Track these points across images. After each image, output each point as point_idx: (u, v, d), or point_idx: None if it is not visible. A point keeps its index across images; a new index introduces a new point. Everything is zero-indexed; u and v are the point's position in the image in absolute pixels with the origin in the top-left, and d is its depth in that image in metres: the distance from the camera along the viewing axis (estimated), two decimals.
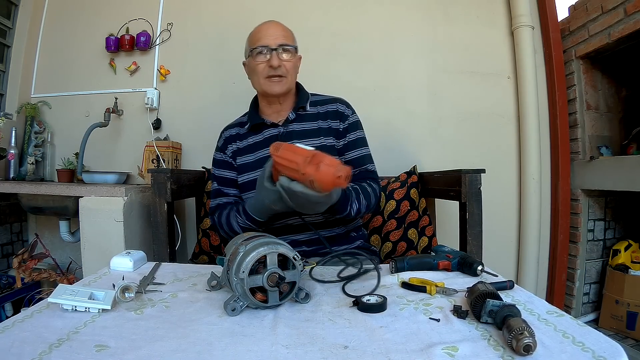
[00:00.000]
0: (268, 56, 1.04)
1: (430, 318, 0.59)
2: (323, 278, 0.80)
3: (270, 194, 0.82)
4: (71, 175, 1.78)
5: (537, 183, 1.76)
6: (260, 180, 0.85)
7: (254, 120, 1.13)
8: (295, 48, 1.08)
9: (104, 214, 1.40)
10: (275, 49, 1.03)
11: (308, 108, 1.12)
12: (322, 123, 1.11)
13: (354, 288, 0.74)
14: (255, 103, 1.18)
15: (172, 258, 1.26)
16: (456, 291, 0.69)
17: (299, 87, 1.17)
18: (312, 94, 1.17)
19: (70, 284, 0.73)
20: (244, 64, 1.14)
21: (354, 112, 1.15)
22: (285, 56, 1.05)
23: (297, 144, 0.77)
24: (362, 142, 1.13)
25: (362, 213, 1.04)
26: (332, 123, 1.11)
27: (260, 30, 1.07)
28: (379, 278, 0.74)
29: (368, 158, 1.13)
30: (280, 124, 1.11)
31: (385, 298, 0.65)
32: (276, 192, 0.79)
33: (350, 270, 0.82)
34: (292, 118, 1.11)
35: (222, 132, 1.20)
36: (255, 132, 1.13)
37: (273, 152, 0.76)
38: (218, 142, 1.20)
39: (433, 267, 0.83)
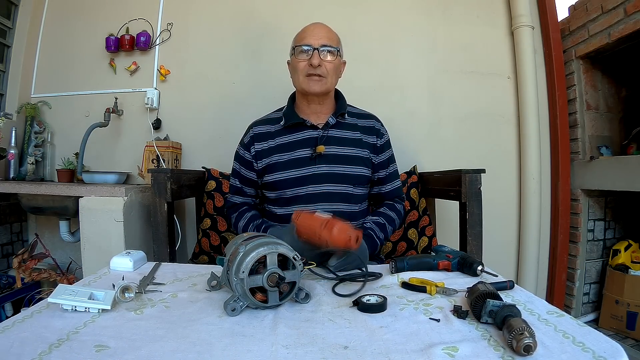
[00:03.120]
0: (310, 55, 1.05)
1: (430, 318, 0.59)
2: (321, 279, 0.80)
3: (291, 240, 0.88)
4: (71, 175, 1.78)
5: (537, 183, 1.76)
6: (286, 230, 0.93)
7: (292, 119, 1.13)
8: (338, 50, 1.09)
9: (104, 214, 1.39)
10: (317, 49, 1.05)
11: (346, 117, 1.16)
12: (360, 135, 1.15)
13: (354, 289, 0.73)
14: (292, 101, 1.18)
15: (172, 258, 1.26)
16: (456, 291, 0.69)
17: (338, 94, 1.20)
18: (348, 105, 1.20)
19: (70, 284, 0.73)
20: (288, 63, 1.15)
21: (385, 129, 1.22)
22: (326, 57, 1.06)
23: (316, 213, 0.88)
24: (392, 159, 1.21)
25: (389, 237, 1.13)
26: (369, 138, 1.16)
27: (306, 30, 1.09)
28: (365, 281, 0.75)
29: (396, 174, 1.21)
30: (320, 126, 1.13)
31: (385, 298, 0.65)
32: (296, 241, 0.87)
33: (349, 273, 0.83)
34: (332, 123, 1.13)
35: (250, 127, 1.19)
36: (291, 130, 1.13)
37: (294, 218, 0.88)
38: (244, 137, 1.19)
39: (433, 267, 0.83)
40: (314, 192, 1.08)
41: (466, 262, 0.81)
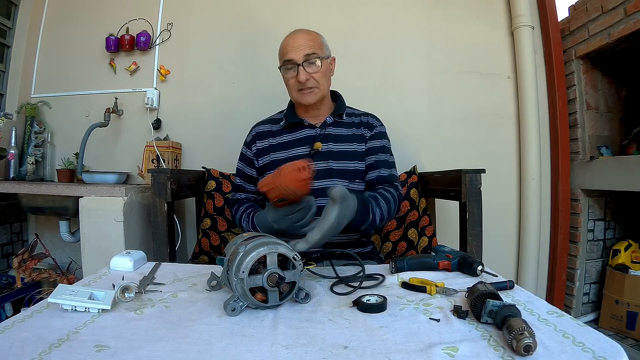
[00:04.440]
0: (296, 72, 1.08)
1: (430, 318, 0.59)
2: (321, 279, 0.80)
3: (273, 214, 0.90)
4: (71, 175, 1.78)
5: (537, 183, 1.75)
6: (267, 207, 0.95)
7: (291, 119, 1.16)
8: (321, 57, 1.10)
9: (104, 214, 1.40)
10: (301, 64, 1.07)
11: (344, 117, 1.18)
12: (355, 131, 1.17)
13: (351, 288, 0.73)
14: (292, 103, 1.21)
15: (172, 258, 1.26)
16: (456, 291, 0.69)
17: (337, 96, 1.22)
18: (348, 107, 1.22)
19: (70, 284, 0.73)
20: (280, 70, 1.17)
21: (382, 124, 1.22)
22: (312, 68, 1.08)
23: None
24: (382, 149, 1.17)
25: (385, 219, 1.04)
26: (363, 131, 1.18)
27: (287, 45, 1.10)
28: (362, 280, 0.75)
29: (383, 163, 1.15)
30: (317, 125, 1.16)
31: (385, 298, 0.65)
32: (277, 211, 0.89)
33: (349, 271, 0.83)
34: (330, 122, 1.16)
35: (253, 127, 1.24)
36: (290, 130, 1.17)
37: (258, 185, 0.90)
38: (247, 137, 1.23)
39: (433, 267, 0.83)
40: (312, 188, 1.08)
41: (466, 262, 0.81)
